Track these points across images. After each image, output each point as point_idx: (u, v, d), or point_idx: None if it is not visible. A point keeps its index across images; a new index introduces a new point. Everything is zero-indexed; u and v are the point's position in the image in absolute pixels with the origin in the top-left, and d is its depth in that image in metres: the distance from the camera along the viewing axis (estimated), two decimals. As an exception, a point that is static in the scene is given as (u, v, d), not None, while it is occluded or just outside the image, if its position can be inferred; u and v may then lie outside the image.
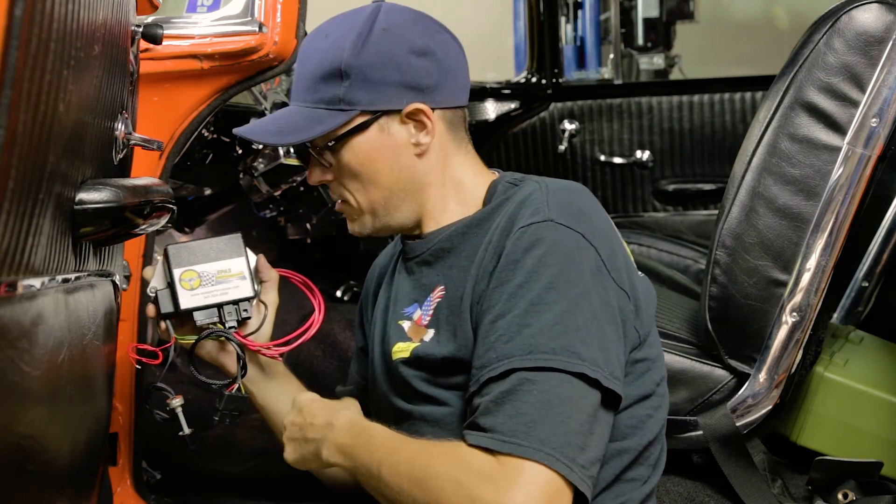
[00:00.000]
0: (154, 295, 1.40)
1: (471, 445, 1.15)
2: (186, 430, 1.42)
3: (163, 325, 1.42)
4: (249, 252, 1.44)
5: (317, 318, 1.46)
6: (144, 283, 1.46)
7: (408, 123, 1.31)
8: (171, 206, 1.24)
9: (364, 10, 1.32)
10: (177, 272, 1.39)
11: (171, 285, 1.39)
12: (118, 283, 1.33)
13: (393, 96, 1.30)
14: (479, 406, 1.17)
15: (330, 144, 1.32)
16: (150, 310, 1.42)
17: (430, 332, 1.32)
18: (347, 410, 1.31)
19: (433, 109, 1.31)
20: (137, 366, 1.44)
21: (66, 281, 0.98)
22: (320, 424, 1.30)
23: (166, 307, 1.39)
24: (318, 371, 2.56)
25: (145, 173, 1.52)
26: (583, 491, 1.13)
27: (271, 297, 1.45)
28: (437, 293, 1.33)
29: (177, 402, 1.43)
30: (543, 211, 1.24)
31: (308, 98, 1.32)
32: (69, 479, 1.11)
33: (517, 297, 1.19)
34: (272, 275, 1.46)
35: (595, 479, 1.17)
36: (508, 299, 1.20)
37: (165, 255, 1.39)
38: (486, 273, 1.25)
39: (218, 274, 1.40)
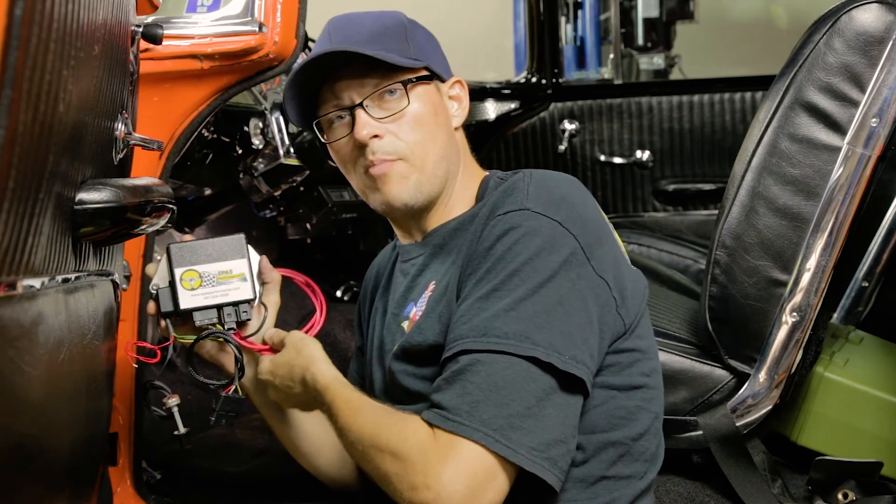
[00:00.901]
0: (155, 293, 1.40)
1: (423, 420, 1.18)
2: (182, 430, 1.43)
3: (163, 323, 1.42)
4: (253, 252, 1.44)
5: (318, 319, 1.47)
6: (146, 281, 1.46)
7: (445, 95, 1.39)
8: (171, 206, 1.24)
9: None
10: (178, 271, 1.39)
11: (171, 284, 1.39)
12: (118, 282, 1.33)
13: (441, 66, 1.38)
14: (435, 383, 1.21)
15: (406, 82, 1.33)
16: (151, 307, 1.42)
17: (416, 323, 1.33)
18: (307, 372, 1.31)
19: None
20: (135, 364, 1.45)
21: (66, 281, 0.98)
22: (298, 392, 1.34)
23: (166, 306, 1.39)
24: (318, 371, 2.55)
25: (145, 173, 1.52)
26: (534, 472, 1.14)
27: (273, 298, 1.45)
28: (430, 289, 1.34)
29: (173, 401, 1.43)
30: (521, 200, 1.25)
31: (373, 48, 1.32)
32: (69, 479, 1.11)
33: (483, 282, 1.21)
34: (275, 276, 1.46)
35: (558, 462, 1.16)
36: (475, 284, 1.22)
37: (167, 254, 1.39)
38: (468, 262, 1.27)
39: (219, 275, 1.40)
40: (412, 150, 1.32)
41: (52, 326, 0.93)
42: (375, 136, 1.32)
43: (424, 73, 1.35)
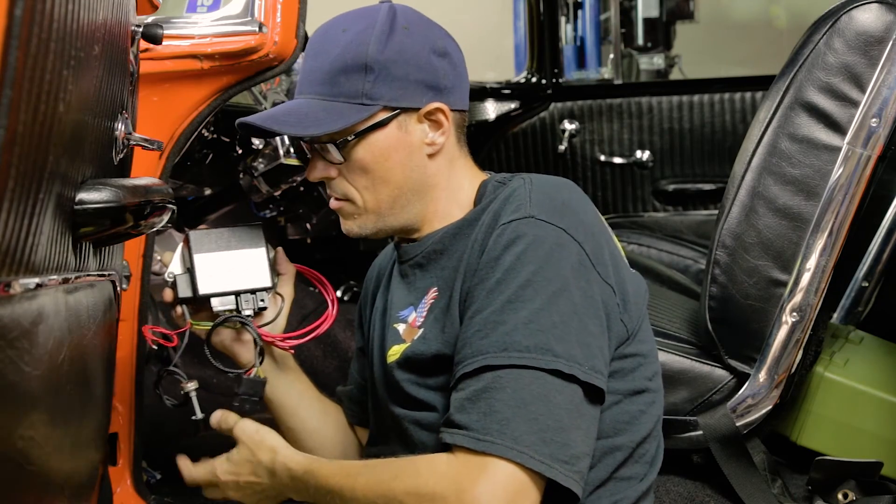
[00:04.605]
0: (172, 279, 1.40)
1: (445, 444, 1.16)
2: (199, 415, 1.42)
3: (179, 310, 1.42)
4: (268, 244, 1.45)
5: (331, 312, 1.48)
6: (146, 281, 1.45)
7: (423, 123, 1.31)
8: (171, 206, 1.24)
9: (380, 8, 1.32)
10: (197, 257, 1.39)
11: (190, 270, 1.39)
12: (118, 283, 1.33)
13: (414, 94, 1.29)
14: (455, 402, 1.18)
15: (349, 139, 1.29)
16: (168, 294, 1.42)
17: (420, 332, 1.32)
18: (275, 464, 1.28)
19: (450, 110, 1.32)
20: (154, 346, 1.43)
21: (66, 281, 0.97)
22: (266, 485, 1.31)
23: (184, 291, 1.39)
24: (318, 371, 2.56)
25: (145, 173, 1.52)
26: (568, 486, 1.13)
27: (287, 290, 1.46)
28: (431, 295, 1.33)
29: (191, 385, 1.42)
30: (525, 207, 1.24)
31: (325, 91, 1.29)
32: (69, 479, 1.11)
33: (495, 293, 1.20)
34: (289, 268, 1.47)
35: (584, 475, 1.16)
36: (487, 296, 1.20)
37: (186, 241, 1.40)
38: (471, 271, 1.25)
39: (237, 262, 1.41)
40: (360, 194, 1.32)
41: (52, 326, 0.92)
42: (328, 177, 1.33)
43: (380, 116, 1.29)
